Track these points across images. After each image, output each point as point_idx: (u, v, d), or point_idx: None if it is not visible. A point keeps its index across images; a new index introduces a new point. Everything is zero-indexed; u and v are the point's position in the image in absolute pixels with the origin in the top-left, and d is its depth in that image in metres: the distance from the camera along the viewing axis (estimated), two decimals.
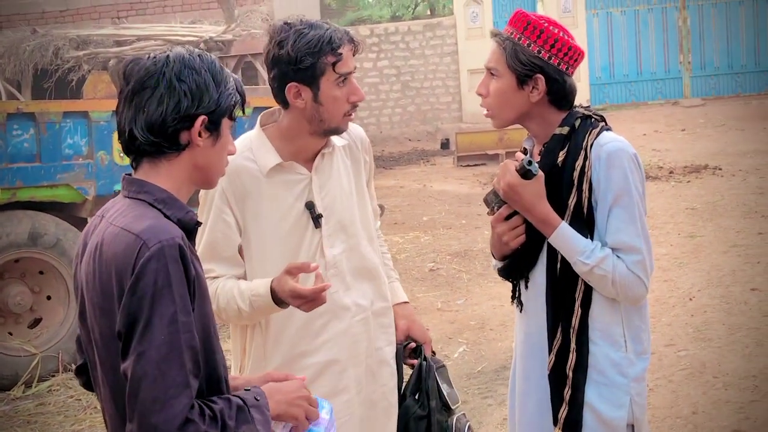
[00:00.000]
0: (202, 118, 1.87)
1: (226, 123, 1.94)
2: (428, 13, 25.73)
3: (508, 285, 2.66)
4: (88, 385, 2.02)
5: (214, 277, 2.58)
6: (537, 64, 2.40)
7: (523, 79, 2.42)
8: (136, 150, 1.89)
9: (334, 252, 2.66)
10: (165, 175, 1.89)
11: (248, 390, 1.90)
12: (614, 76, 19.53)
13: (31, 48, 12.14)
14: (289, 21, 2.53)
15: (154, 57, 1.88)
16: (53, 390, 6.16)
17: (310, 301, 2.37)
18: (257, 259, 2.62)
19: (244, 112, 2.04)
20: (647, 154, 13.49)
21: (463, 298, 7.60)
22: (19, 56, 12.25)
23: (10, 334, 6.46)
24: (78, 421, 5.63)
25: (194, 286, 1.79)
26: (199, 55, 1.90)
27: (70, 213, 6.64)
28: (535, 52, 2.39)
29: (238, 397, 1.84)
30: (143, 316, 1.70)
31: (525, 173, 2.35)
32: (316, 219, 2.62)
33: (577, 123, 2.43)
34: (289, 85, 2.52)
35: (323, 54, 2.47)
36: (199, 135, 1.88)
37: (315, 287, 2.36)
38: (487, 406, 5.26)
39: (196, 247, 2.02)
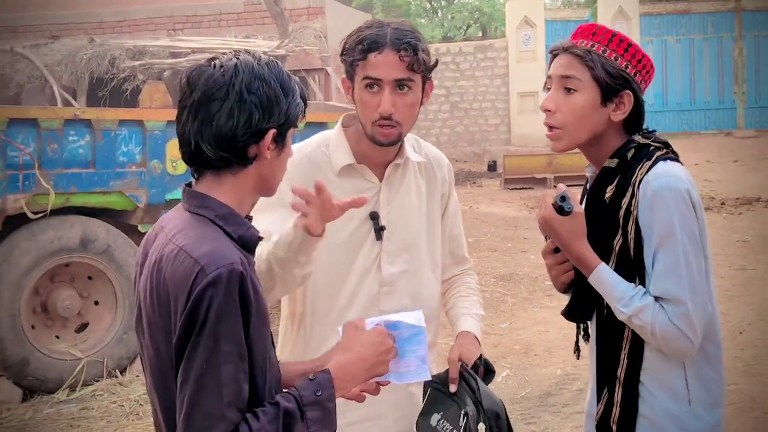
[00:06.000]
0: (272, 131, 1.82)
1: (290, 132, 1.90)
2: (480, 34, 25.79)
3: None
4: None
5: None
6: (626, 79, 2.21)
7: (608, 95, 2.21)
8: (201, 162, 1.84)
9: (392, 270, 2.53)
10: (229, 188, 1.85)
11: (312, 379, 1.82)
12: (667, 104, 19.37)
13: (87, 57, 12.35)
14: (376, 18, 2.49)
15: (221, 66, 1.80)
16: (97, 395, 6.20)
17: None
18: None
19: (305, 115, 1.96)
20: (699, 185, 13.20)
21: (507, 322, 7.53)
22: (76, 64, 12.47)
23: (57, 337, 6.53)
24: (120, 426, 5.66)
25: (252, 310, 1.74)
26: (267, 64, 1.84)
27: (121, 220, 6.71)
28: (623, 66, 2.20)
29: (294, 395, 1.77)
30: (189, 344, 1.69)
31: (559, 209, 2.18)
32: (378, 231, 2.51)
33: (630, 153, 2.23)
34: (343, 77, 2.49)
35: (356, 52, 2.41)
36: (267, 148, 1.84)
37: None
38: None
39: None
